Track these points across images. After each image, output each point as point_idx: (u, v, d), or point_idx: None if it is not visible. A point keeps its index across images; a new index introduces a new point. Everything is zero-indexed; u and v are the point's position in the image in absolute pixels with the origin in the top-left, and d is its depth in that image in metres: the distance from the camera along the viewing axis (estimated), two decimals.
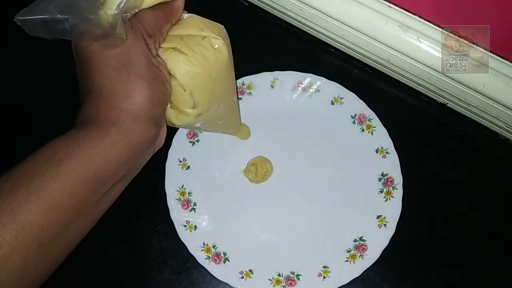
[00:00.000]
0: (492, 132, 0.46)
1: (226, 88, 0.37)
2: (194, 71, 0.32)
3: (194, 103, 0.34)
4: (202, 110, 0.35)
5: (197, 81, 0.33)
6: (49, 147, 0.28)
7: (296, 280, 0.40)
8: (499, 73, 0.40)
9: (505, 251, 0.42)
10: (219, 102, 0.36)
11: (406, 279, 0.41)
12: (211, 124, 0.38)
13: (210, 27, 0.34)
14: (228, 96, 0.38)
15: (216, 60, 0.33)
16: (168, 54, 0.32)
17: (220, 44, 0.34)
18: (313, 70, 0.45)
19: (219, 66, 0.34)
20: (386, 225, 0.41)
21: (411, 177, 0.42)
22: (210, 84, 0.34)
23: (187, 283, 0.41)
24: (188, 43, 0.33)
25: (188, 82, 0.32)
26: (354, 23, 0.42)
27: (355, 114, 0.45)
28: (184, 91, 0.33)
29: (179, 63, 0.32)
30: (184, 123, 0.35)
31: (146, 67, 0.30)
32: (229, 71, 0.36)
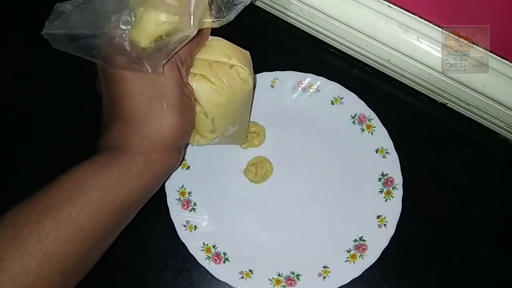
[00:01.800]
0: (492, 132, 0.46)
1: (245, 112, 0.38)
2: (219, 100, 0.33)
3: (214, 128, 0.34)
4: (220, 134, 0.36)
5: (221, 110, 0.33)
6: (77, 173, 0.28)
7: (296, 280, 0.40)
8: (499, 73, 0.40)
9: (505, 251, 0.42)
10: (236, 125, 0.37)
11: (406, 279, 0.41)
12: (224, 141, 0.39)
13: (237, 54, 0.34)
14: (245, 118, 0.39)
15: (241, 90, 0.34)
16: (196, 80, 0.32)
17: (246, 74, 0.34)
18: (313, 70, 0.45)
19: (243, 95, 0.34)
20: (386, 225, 0.41)
21: (411, 177, 0.42)
22: (232, 112, 0.35)
23: (187, 283, 0.41)
24: (216, 71, 0.33)
25: (212, 110, 0.33)
26: (354, 23, 0.42)
27: (355, 114, 0.45)
28: (206, 118, 0.33)
29: (206, 92, 0.32)
30: (200, 144, 0.36)
31: (179, 99, 0.30)
32: (250, 96, 0.36)
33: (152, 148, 0.29)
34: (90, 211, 0.27)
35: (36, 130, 0.46)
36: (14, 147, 0.46)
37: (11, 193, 0.45)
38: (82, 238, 0.27)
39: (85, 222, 0.27)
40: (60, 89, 0.48)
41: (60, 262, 0.26)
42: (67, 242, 0.26)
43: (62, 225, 0.26)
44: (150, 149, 0.29)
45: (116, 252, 0.42)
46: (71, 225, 0.26)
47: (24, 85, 0.49)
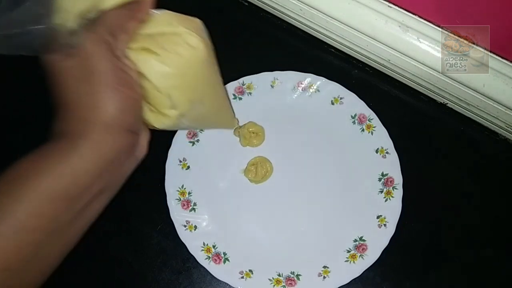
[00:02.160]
0: (492, 132, 0.46)
1: (208, 84, 0.35)
2: (168, 71, 0.30)
3: (173, 104, 0.32)
4: (183, 110, 0.32)
5: (173, 81, 0.31)
6: (16, 166, 0.27)
7: (296, 280, 0.40)
8: (499, 73, 0.40)
9: (505, 251, 0.42)
10: (203, 100, 0.34)
11: (406, 279, 0.41)
12: (200, 122, 0.37)
13: (184, 22, 0.32)
14: (213, 92, 0.36)
15: (191, 58, 0.31)
16: (138, 55, 0.30)
17: (194, 40, 0.31)
18: (313, 70, 0.45)
19: (196, 64, 0.32)
20: (386, 225, 0.41)
21: (411, 177, 0.42)
22: (188, 83, 0.32)
23: (187, 283, 0.41)
24: (160, 41, 0.31)
25: (163, 83, 0.30)
26: (354, 23, 0.42)
27: (355, 114, 0.45)
28: (160, 93, 0.31)
29: (151, 65, 0.30)
30: (166, 125, 0.33)
31: (110, 73, 0.28)
32: (209, 66, 0.34)
33: (91, 130, 0.27)
34: (28, 202, 0.26)
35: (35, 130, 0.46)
36: (13, 147, 0.46)
37: None
38: (23, 231, 0.26)
39: (23, 214, 0.25)
40: None
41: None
42: (6, 237, 0.25)
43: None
44: (89, 131, 0.27)
45: (116, 252, 0.42)
46: (8, 218, 0.25)
47: (23, 85, 0.49)
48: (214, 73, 0.35)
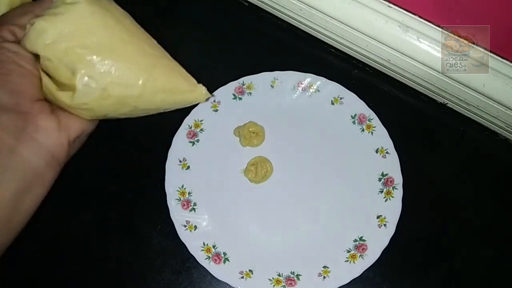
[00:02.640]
0: (492, 132, 0.46)
1: (110, 38, 0.30)
2: (46, 35, 0.28)
3: (69, 68, 0.28)
4: (85, 72, 0.29)
5: (57, 44, 0.28)
6: None
7: (296, 280, 0.40)
8: (499, 73, 0.40)
9: (505, 251, 0.42)
10: (110, 57, 0.29)
11: (406, 279, 0.41)
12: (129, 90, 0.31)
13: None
14: (125, 48, 0.31)
15: (71, 12, 0.29)
16: (24, 37, 0.29)
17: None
18: (313, 70, 0.45)
19: (78, 17, 0.29)
20: (386, 225, 0.41)
21: (411, 177, 0.42)
22: (77, 41, 0.29)
23: (187, 283, 0.41)
24: (40, 12, 0.29)
25: (48, 50, 0.28)
26: (354, 23, 0.42)
27: (355, 114, 0.45)
28: (51, 61, 0.28)
29: (29, 38, 0.28)
30: (80, 100, 0.29)
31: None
32: (102, 18, 0.30)
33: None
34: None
35: None
36: None
37: None
38: None
39: None
40: None
41: None
42: None
43: None
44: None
45: (116, 252, 0.42)
46: None
47: None
48: (121, 27, 0.31)
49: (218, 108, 0.45)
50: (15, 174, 0.27)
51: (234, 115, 0.45)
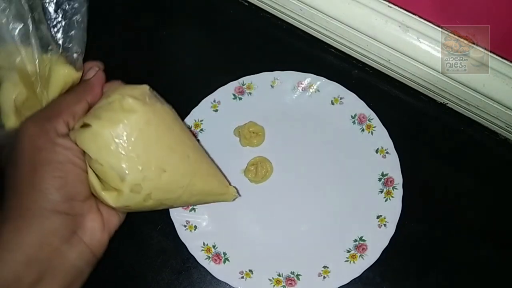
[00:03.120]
0: (492, 132, 0.46)
1: (160, 147, 0.31)
2: (102, 140, 0.29)
3: (119, 175, 0.29)
4: (134, 180, 0.30)
5: (110, 150, 0.29)
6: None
7: (296, 280, 0.40)
8: (499, 73, 0.40)
9: (505, 251, 0.42)
10: (159, 166, 0.31)
11: (406, 279, 0.41)
12: (170, 194, 0.33)
13: (120, 89, 0.31)
14: (172, 157, 0.32)
15: (128, 121, 0.29)
16: (76, 133, 0.29)
17: (129, 103, 0.30)
18: (313, 70, 0.45)
19: (134, 126, 0.29)
20: (386, 225, 0.41)
21: (411, 177, 0.42)
22: (128, 149, 0.29)
23: (187, 283, 0.41)
24: (95, 113, 0.30)
25: (101, 154, 0.29)
26: (354, 23, 0.42)
27: (355, 114, 0.45)
28: (102, 165, 0.29)
29: (84, 138, 0.29)
30: (123, 202, 0.30)
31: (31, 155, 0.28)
32: (156, 127, 0.31)
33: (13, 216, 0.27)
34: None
35: None
36: None
37: None
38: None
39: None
40: None
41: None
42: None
43: None
44: (11, 217, 0.27)
45: (117, 252, 0.42)
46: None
47: None
48: (171, 135, 0.32)
49: (218, 108, 0.45)
50: (60, 275, 0.28)
51: (234, 115, 0.45)
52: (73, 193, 0.29)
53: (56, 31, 0.31)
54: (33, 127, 0.28)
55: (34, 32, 0.29)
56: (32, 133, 0.28)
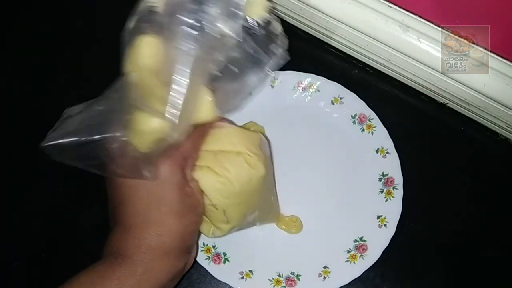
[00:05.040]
0: (493, 132, 0.46)
1: (262, 197, 0.36)
2: (226, 191, 0.31)
3: (228, 219, 0.33)
4: (236, 223, 0.34)
5: (231, 201, 0.32)
6: (74, 284, 0.28)
7: (296, 280, 0.40)
8: (499, 73, 0.40)
9: (505, 251, 0.42)
10: (256, 211, 0.35)
11: (406, 279, 0.41)
12: (247, 227, 0.38)
13: (244, 140, 0.33)
14: (265, 203, 0.37)
15: (251, 178, 0.32)
16: (201, 173, 0.31)
17: (255, 160, 0.32)
18: (313, 70, 0.45)
19: (255, 182, 0.32)
20: (387, 225, 0.41)
21: (411, 177, 0.42)
22: (245, 200, 0.33)
23: (187, 283, 0.41)
24: (222, 160, 0.31)
25: (221, 202, 0.31)
26: (354, 23, 0.42)
27: (355, 114, 0.44)
28: (216, 210, 0.32)
29: (212, 184, 0.31)
30: (218, 236, 0.35)
31: (179, 202, 0.29)
32: (267, 182, 0.34)
33: (152, 256, 0.28)
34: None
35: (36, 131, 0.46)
36: (13, 147, 0.46)
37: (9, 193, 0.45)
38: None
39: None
40: (60, 89, 0.48)
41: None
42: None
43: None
44: (150, 257, 0.28)
45: None
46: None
47: (23, 85, 0.49)
48: (271, 184, 0.36)
49: None
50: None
51: (234, 115, 0.45)
52: (197, 234, 0.32)
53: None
54: (176, 169, 0.29)
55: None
56: (177, 179, 0.29)
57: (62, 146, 0.27)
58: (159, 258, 0.28)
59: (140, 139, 0.28)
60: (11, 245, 0.43)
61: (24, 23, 0.51)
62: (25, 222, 0.43)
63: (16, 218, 0.43)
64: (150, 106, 0.27)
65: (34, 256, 0.42)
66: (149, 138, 0.28)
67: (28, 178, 0.44)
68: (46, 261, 0.41)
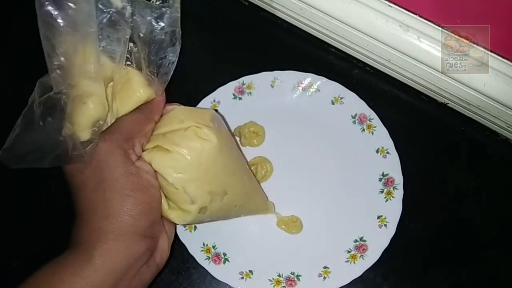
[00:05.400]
0: (493, 132, 0.46)
1: (228, 172, 0.34)
2: (180, 166, 0.30)
3: (191, 198, 0.31)
4: (203, 203, 0.32)
5: (187, 176, 0.31)
6: (33, 277, 0.28)
7: (296, 280, 0.40)
8: (499, 73, 0.40)
9: (505, 251, 0.42)
10: (224, 189, 0.34)
11: (406, 279, 0.41)
12: (226, 213, 0.36)
13: (192, 116, 0.32)
14: (236, 180, 0.35)
15: (203, 149, 0.31)
16: (151, 154, 0.31)
17: (204, 131, 0.31)
18: (313, 70, 0.45)
19: (210, 154, 0.31)
20: (387, 225, 0.41)
21: (411, 177, 0.42)
22: (203, 175, 0.32)
23: (187, 283, 0.41)
24: (171, 138, 0.31)
25: (177, 179, 0.30)
26: (355, 22, 0.42)
27: (355, 114, 0.44)
28: (176, 189, 0.31)
29: (162, 161, 0.30)
30: (188, 221, 0.33)
31: (121, 180, 0.28)
32: (225, 154, 0.33)
33: (104, 239, 0.27)
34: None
35: None
36: None
37: (10, 193, 0.45)
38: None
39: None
40: None
41: None
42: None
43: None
44: (102, 240, 0.27)
45: None
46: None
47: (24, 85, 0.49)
48: (234, 159, 0.35)
49: (218, 108, 0.45)
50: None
51: (234, 115, 0.45)
52: (155, 217, 0.31)
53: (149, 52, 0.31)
54: (116, 149, 0.29)
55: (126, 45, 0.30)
56: (117, 158, 0.28)
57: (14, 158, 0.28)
58: (112, 241, 0.28)
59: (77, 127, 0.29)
60: (11, 245, 0.43)
61: (24, 23, 0.51)
62: (25, 222, 0.43)
63: (16, 218, 0.43)
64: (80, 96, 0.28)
65: (34, 256, 0.42)
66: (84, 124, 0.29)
67: (28, 178, 0.44)
68: (46, 261, 0.41)
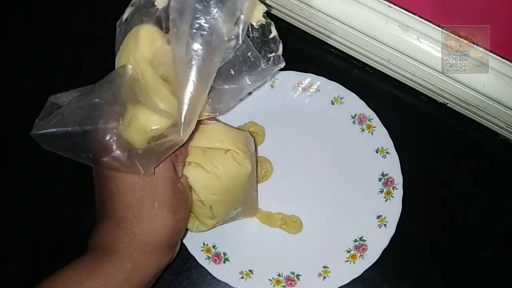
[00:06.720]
0: (492, 132, 0.46)
1: (247, 193, 0.36)
2: (214, 187, 0.32)
3: (213, 214, 0.33)
4: (220, 219, 0.35)
5: (219, 197, 0.32)
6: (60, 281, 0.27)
7: (296, 280, 0.40)
8: (499, 73, 0.40)
9: (505, 251, 0.42)
10: (239, 207, 0.36)
11: (406, 279, 0.41)
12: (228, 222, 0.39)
13: (231, 137, 0.33)
14: (248, 199, 0.38)
15: (238, 174, 0.33)
16: (190, 169, 0.31)
17: (242, 158, 0.32)
18: (313, 70, 0.45)
19: (242, 179, 0.33)
20: (386, 225, 0.41)
21: (411, 177, 0.42)
22: (231, 197, 0.33)
23: (187, 283, 0.41)
24: (210, 157, 0.32)
25: (208, 198, 0.32)
26: (354, 23, 0.42)
27: (355, 114, 0.45)
28: (204, 205, 0.32)
29: (201, 180, 0.31)
30: (202, 231, 0.35)
31: (171, 197, 0.29)
32: (252, 178, 0.35)
33: (142, 252, 0.28)
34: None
35: None
36: (13, 148, 0.46)
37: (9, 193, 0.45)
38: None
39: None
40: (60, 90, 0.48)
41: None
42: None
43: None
44: (139, 252, 0.28)
45: None
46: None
47: (24, 85, 0.49)
48: (253, 180, 0.36)
49: None
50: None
51: (234, 115, 0.45)
52: (184, 231, 0.32)
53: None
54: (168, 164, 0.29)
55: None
56: (169, 175, 0.29)
57: (53, 135, 0.26)
58: (148, 254, 0.28)
59: (138, 134, 0.28)
60: (11, 245, 0.43)
61: (24, 23, 0.51)
62: (25, 222, 0.43)
63: (16, 218, 0.43)
64: (151, 102, 0.27)
65: (34, 256, 0.42)
66: (148, 135, 0.28)
67: (28, 178, 0.44)
68: (46, 261, 0.41)
